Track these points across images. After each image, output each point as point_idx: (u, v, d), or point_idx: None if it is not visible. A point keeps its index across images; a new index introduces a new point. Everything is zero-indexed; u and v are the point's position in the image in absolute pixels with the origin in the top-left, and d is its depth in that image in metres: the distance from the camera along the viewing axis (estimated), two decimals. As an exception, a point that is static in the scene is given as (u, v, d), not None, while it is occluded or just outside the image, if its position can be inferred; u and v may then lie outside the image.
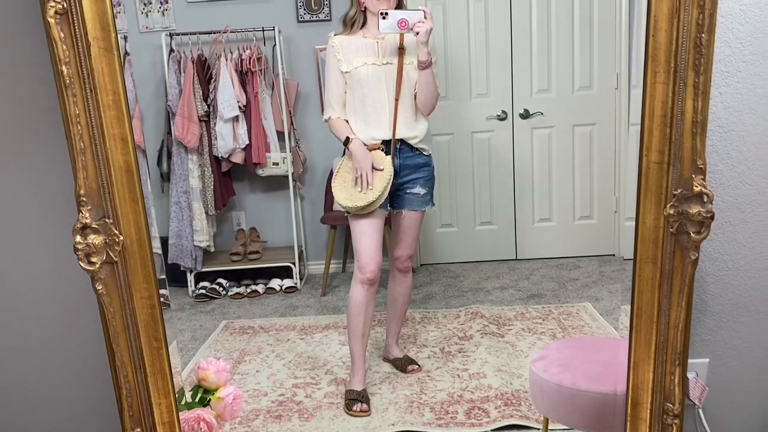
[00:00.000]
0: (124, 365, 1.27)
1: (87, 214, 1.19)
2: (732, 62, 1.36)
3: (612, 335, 2.61)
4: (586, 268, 3.40)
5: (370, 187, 2.19)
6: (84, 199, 1.19)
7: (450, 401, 2.19)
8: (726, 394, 1.57)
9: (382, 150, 2.24)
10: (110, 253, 1.22)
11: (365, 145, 2.23)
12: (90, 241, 1.20)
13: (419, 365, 2.44)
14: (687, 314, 1.24)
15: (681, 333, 1.25)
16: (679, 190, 1.19)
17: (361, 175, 2.20)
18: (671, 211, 1.20)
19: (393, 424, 2.09)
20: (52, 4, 1.09)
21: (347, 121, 2.27)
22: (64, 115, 1.15)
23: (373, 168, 2.20)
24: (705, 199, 1.16)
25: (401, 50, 2.21)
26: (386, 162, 2.22)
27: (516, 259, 3.61)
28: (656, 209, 1.22)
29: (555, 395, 1.57)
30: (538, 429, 1.98)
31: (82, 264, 1.20)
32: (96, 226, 1.21)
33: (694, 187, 1.17)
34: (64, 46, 1.11)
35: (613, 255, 3.50)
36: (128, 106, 1.20)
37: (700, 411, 1.54)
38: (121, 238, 1.22)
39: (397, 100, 2.22)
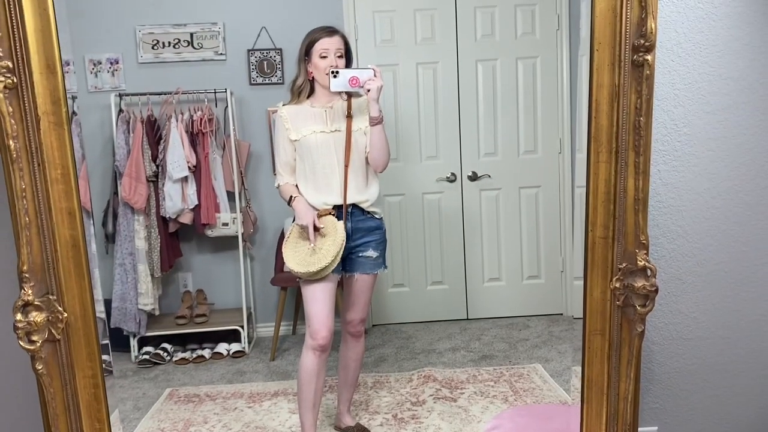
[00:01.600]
0: (63, 450, 1.20)
1: (29, 291, 1.15)
2: (668, 142, 1.44)
3: (562, 397, 2.63)
4: (535, 327, 3.44)
5: (318, 241, 2.17)
6: (27, 275, 1.15)
7: (403, 471, 2.15)
8: (675, 462, 1.60)
9: (333, 215, 2.25)
10: (53, 331, 1.18)
11: (316, 209, 2.23)
12: (31, 319, 1.15)
13: (371, 433, 2.40)
14: (636, 385, 1.27)
15: (630, 404, 1.28)
16: (624, 264, 1.23)
17: (307, 229, 2.18)
18: (617, 285, 1.24)
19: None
20: (1, 79, 1.07)
21: (297, 186, 2.28)
22: (10, 190, 1.12)
23: (319, 230, 2.19)
24: (649, 273, 1.21)
25: (349, 117, 2.24)
26: (338, 227, 2.21)
27: (467, 319, 3.63)
28: (603, 282, 1.26)
29: (509, 466, 1.56)
30: (493, 498, 1.95)
31: (22, 343, 1.15)
32: (38, 303, 1.16)
33: (638, 262, 1.22)
34: (13, 121, 1.09)
35: (561, 314, 3.56)
36: (77, 179, 1.18)
37: (651, 479, 1.56)
38: (65, 315, 1.18)
39: (346, 165, 2.24)
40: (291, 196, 2.24)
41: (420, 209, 3.60)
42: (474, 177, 3.52)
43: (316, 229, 2.20)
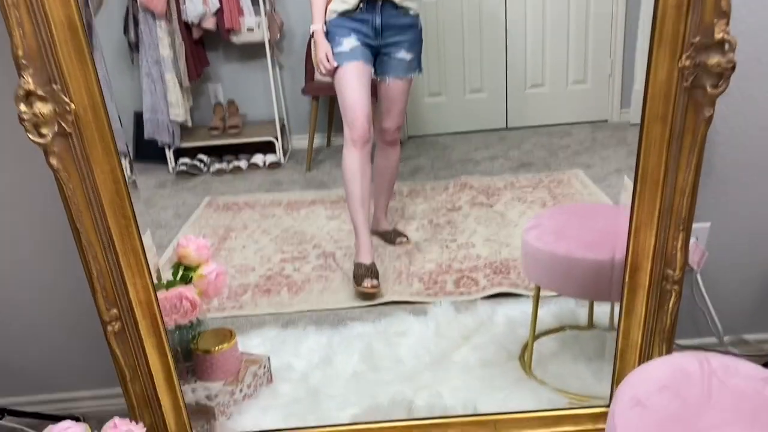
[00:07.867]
0: (92, 245, 1.18)
1: (30, 80, 1.05)
2: None
3: (604, 202, 2.56)
4: (578, 134, 3.29)
5: (334, 64, 2.17)
6: (24, 61, 1.04)
7: (439, 271, 2.17)
8: (724, 258, 1.53)
9: (361, 9, 2.06)
10: (62, 124, 1.10)
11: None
12: (37, 111, 1.07)
13: (408, 237, 2.40)
14: (695, 177, 1.16)
15: (687, 197, 1.17)
16: (697, 38, 1.06)
17: (317, 65, 2.20)
18: (687, 63, 1.08)
19: (382, 296, 2.07)
20: None
21: None
22: (-14, -39, 0.98)
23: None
24: (727, 47, 1.04)
25: None
26: None
27: (506, 128, 3.49)
28: (670, 62, 1.09)
29: (548, 264, 1.53)
30: (528, 296, 1.96)
31: (31, 136, 1.08)
32: (42, 94, 1.07)
33: (716, 34, 1.04)
34: None
35: (606, 121, 3.39)
36: (63, -52, 1.02)
37: (698, 276, 1.50)
38: (73, 106, 1.09)
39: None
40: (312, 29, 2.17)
41: (459, 10, 3.30)
42: (520, -31, 3.17)
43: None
